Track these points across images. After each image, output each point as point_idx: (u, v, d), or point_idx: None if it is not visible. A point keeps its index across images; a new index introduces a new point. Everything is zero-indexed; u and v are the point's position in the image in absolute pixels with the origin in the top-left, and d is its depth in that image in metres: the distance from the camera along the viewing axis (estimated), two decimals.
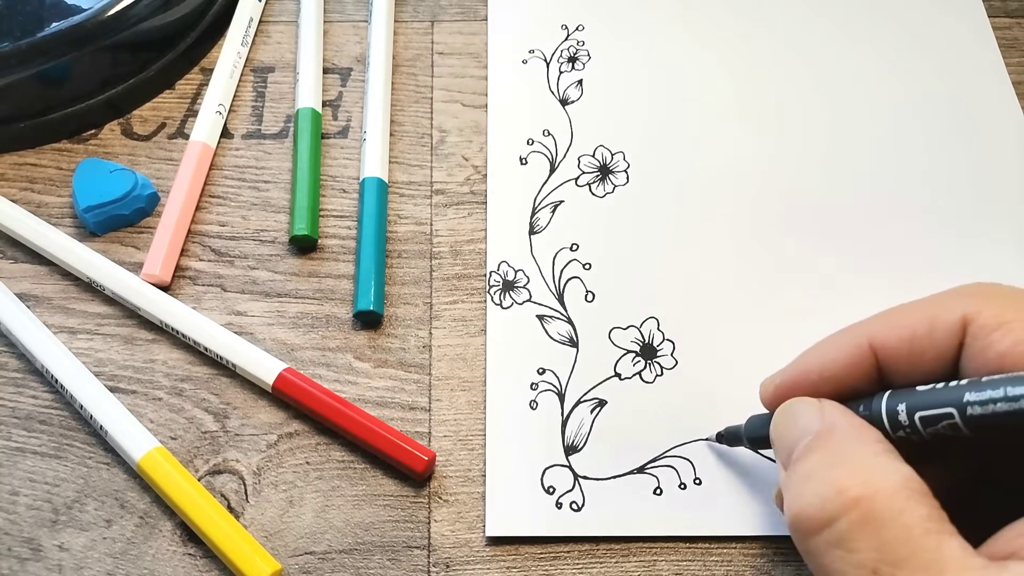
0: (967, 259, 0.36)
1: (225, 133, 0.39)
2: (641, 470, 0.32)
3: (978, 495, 0.25)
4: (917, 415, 0.23)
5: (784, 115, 0.40)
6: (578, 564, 0.30)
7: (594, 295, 0.35)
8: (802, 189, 0.38)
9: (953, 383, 0.23)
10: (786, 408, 0.26)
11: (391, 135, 0.39)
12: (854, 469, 0.23)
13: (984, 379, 0.22)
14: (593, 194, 0.38)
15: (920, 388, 0.24)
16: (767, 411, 0.28)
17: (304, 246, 0.37)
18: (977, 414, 0.22)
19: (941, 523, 0.21)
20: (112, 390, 0.33)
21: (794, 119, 0.40)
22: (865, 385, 0.26)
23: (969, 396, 0.22)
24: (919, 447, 0.24)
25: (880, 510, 0.22)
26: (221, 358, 0.33)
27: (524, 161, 0.39)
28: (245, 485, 0.31)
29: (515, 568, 0.30)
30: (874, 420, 0.24)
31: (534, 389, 0.33)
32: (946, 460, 0.26)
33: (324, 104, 0.40)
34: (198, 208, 0.37)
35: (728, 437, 0.31)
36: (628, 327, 0.34)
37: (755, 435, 0.29)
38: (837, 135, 0.39)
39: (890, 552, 0.21)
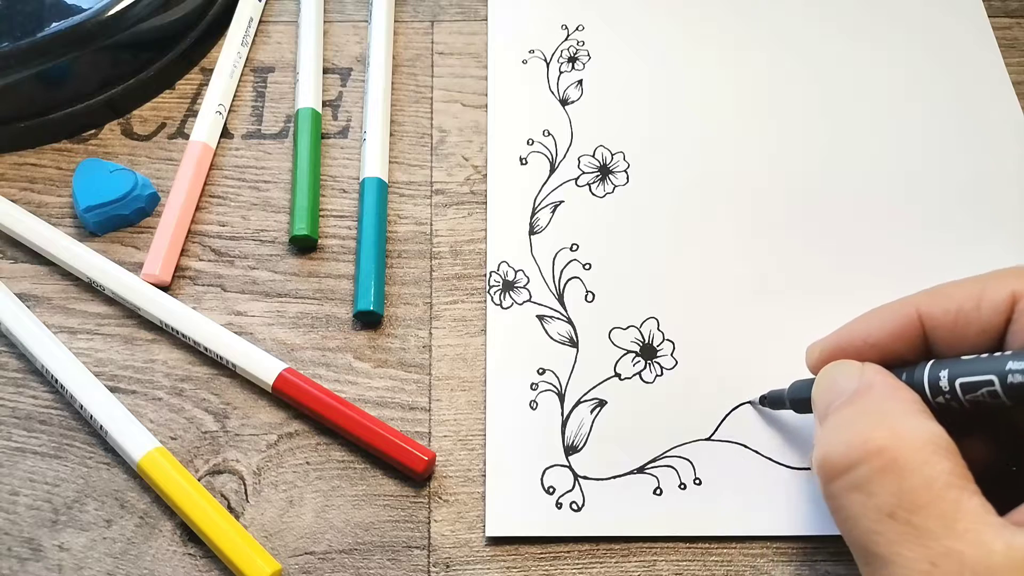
0: (967, 259, 0.36)
1: (225, 133, 0.39)
2: (641, 470, 0.32)
3: (1012, 474, 0.26)
4: (958, 381, 0.24)
5: (784, 115, 0.40)
6: (578, 564, 0.30)
7: (594, 295, 0.35)
8: (802, 189, 0.38)
9: (997, 354, 0.23)
10: (829, 368, 0.27)
11: (391, 135, 0.39)
12: (883, 421, 0.23)
13: None
14: (593, 194, 0.38)
15: (964, 358, 0.24)
16: (811, 376, 0.28)
17: (304, 246, 0.37)
18: (1018, 382, 0.22)
19: (964, 480, 0.22)
20: (112, 390, 0.33)
21: (794, 119, 0.40)
22: (910, 354, 0.26)
23: (1012, 365, 0.23)
24: (958, 420, 0.24)
25: (904, 460, 0.22)
26: (221, 358, 0.33)
27: (524, 161, 0.39)
28: (245, 485, 0.31)
29: (515, 568, 0.30)
30: (915, 386, 0.25)
31: (534, 389, 0.33)
32: (983, 436, 0.26)
33: (324, 104, 0.40)
34: (198, 208, 0.37)
35: (771, 400, 0.32)
36: (628, 327, 0.34)
37: (798, 397, 0.30)
38: (837, 135, 0.39)
39: (908, 499, 0.22)
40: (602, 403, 0.33)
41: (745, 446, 0.32)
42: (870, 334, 0.27)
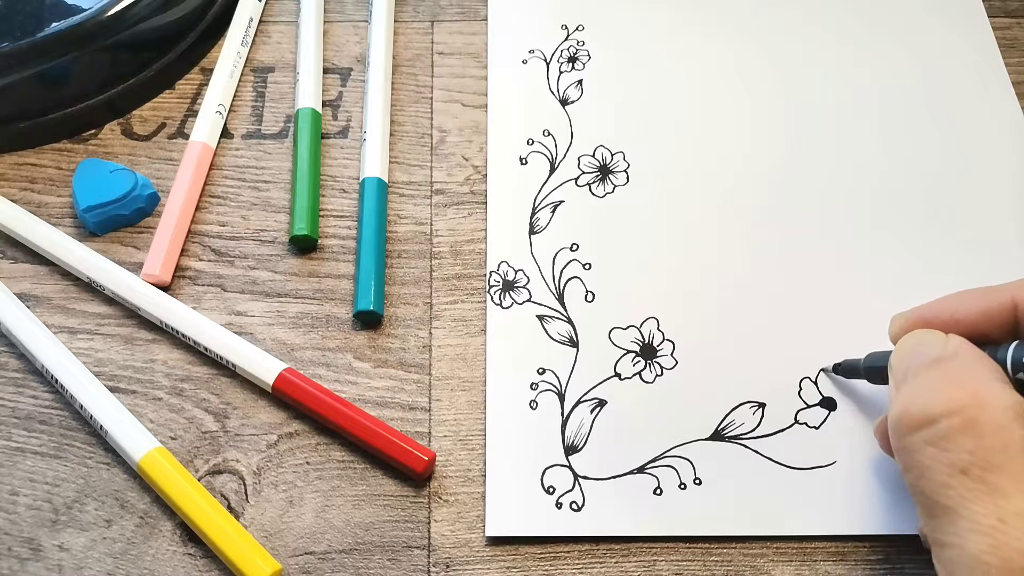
0: (967, 259, 0.36)
1: (225, 133, 0.39)
2: (641, 470, 0.32)
3: None
4: None
5: (784, 114, 0.40)
6: (578, 564, 0.30)
7: (594, 295, 0.35)
8: (803, 189, 0.38)
9: None
10: (911, 335, 0.27)
11: (391, 135, 0.39)
12: (966, 384, 0.24)
13: None
14: (593, 194, 0.38)
15: None
16: (889, 349, 0.28)
17: (304, 246, 0.37)
18: None
19: None
20: (112, 390, 0.33)
21: (794, 118, 0.40)
22: (997, 335, 0.26)
23: None
24: None
25: (984, 420, 0.23)
26: (221, 358, 0.33)
27: (524, 161, 0.39)
28: (245, 485, 0.31)
29: (515, 568, 0.30)
30: (997, 362, 0.25)
31: (534, 389, 0.33)
32: None
33: (324, 104, 0.40)
34: (198, 208, 0.37)
35: (846, 369, 0.32)
36: (628, 327, 0.34)
37: (874, 366, 0.30)
38: (836, 135, 0.39)
39: (983, 457, 0.22)
40: (602, 403, 0.33)
41: (745, 446, 0.32)
42: (957, 310, 0.27)
